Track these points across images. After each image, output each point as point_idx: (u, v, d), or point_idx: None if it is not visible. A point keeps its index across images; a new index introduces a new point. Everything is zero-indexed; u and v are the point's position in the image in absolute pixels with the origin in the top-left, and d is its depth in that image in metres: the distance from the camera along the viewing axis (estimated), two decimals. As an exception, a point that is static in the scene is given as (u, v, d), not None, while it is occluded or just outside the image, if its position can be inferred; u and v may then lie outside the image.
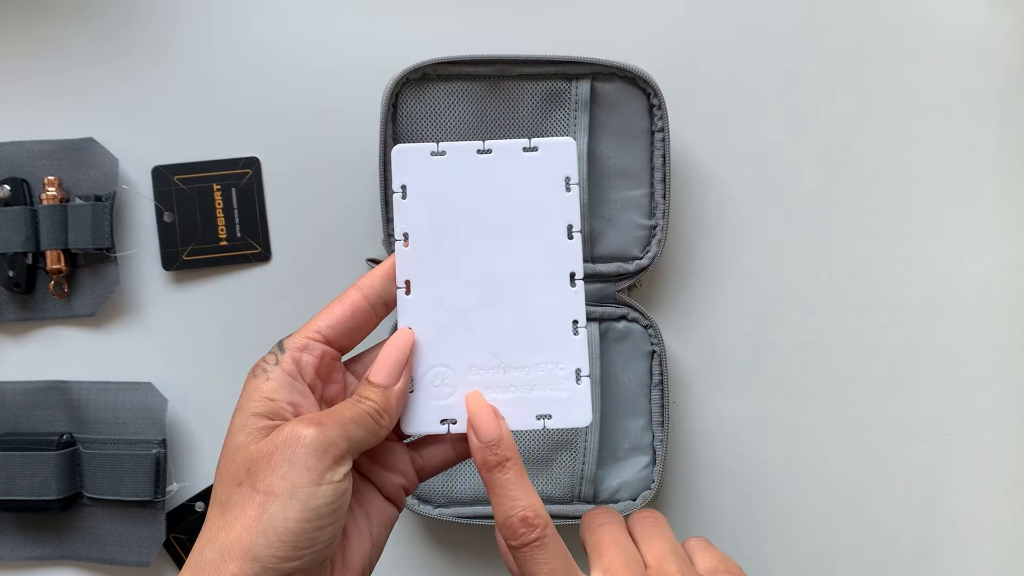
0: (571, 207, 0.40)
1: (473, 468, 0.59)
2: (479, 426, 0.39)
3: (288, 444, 0.36)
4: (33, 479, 0.59)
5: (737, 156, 0.62)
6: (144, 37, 0.62)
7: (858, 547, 0.62)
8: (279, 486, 0.35)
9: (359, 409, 0.38)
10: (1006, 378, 0.62)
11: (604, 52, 0.59)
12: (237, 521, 0.35)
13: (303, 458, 0.36)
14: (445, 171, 0.40)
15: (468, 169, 0.40)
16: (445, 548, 0.62)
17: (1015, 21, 0.62)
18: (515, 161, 0.40)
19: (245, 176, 0.61)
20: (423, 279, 0.40)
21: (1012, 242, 0.62)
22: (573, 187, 0.40)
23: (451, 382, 0.40)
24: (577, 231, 0.40)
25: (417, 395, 0.41)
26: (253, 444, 0.37)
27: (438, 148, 0.40)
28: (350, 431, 0.37)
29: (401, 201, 0.40)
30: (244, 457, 0.36)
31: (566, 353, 0.40)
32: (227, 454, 0.37)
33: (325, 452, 0.36)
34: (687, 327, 0.62)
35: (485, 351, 0.40)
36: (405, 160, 0.40)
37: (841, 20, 0.61)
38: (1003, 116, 0.62)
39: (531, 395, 0.40)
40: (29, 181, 0.61)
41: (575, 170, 0.40)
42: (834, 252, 0.62)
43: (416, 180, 0.40)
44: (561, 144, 0.41)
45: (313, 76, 0.61)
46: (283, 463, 0.36)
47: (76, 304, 0.62)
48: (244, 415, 0.38)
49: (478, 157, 0.40)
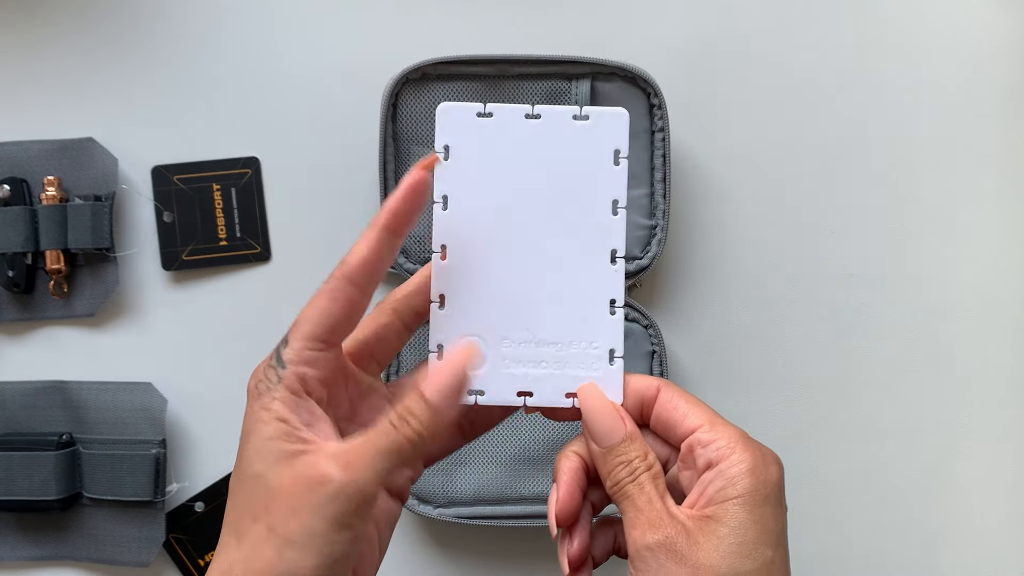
0: (618, 182, 0.38)
1: (473, 468, 0.59)
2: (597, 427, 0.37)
3: (311, 488, 0.33)
4: (33, 479, 0.59)
5: (737, 156, 0.61)
6: (144, 37, 0.62)
7: (858, 547, 0.62)
8: (297, 534, 0.33)
9: (400, 437, 0.34)
10: (1007, 378, 0.62)
11: (604, 52, 0.59)
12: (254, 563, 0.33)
13: (325, 506, 0.33)
14: (490, 133, 0.39)
15: (514, 133, 0.39)
16: (445, 548, 0.62)
17: (1015, 21, 0.62)
18: (564, 129, 0.39)
19: (245, 176, 0.61)
20: (460, 245, 0.38)
21: (1013, 242, 0.62)
22: (622, 161, 0.38)
23: (482, 352, 0.39)
24: (622, 207, 0.38)
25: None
26: (273, 475, 0.34)
27: (484, 109, 0.39)
28: (384, 466, 0.34)
29: (443, 162, 0.39)
30: (263, 491, 0.34)
31: (601, 332, 0.39)
32: (243, 481, 0.35)
33: (350, 500, 0.33)
34: (687, 327, 0.62)
35: (519, 323, 0.39)
36: (450, 119, 0.39)
37: (841, 20, 0.61)
38: (1004, 116, 0.62)
39: (561, 372, 0.38)
40: (29, 181, 0.61)
41: (626, 143, 0.38)
42: (834, 252, 0.62)
43: (460, 141, 0.39)
44: (614, 115, 0.39)
45: (313, 76, 0.61)
46: (304, 510, 0.33)
47: (76, 304, 0.62)
48: (258, 440, 0.34)
49: (526, 122, 0.39)
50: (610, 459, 0.37)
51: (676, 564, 0.34)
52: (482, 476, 0.59)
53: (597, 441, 0.37)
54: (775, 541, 0.35)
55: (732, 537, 0.34)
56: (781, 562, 0.35)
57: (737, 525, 0.35)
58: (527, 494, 0.59)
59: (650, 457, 0.37)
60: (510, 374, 0.39)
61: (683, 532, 0.35)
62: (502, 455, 0.59)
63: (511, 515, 0.59)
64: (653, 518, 0.35)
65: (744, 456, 0.36)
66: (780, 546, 0.36)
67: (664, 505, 0.36)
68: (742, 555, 0.34)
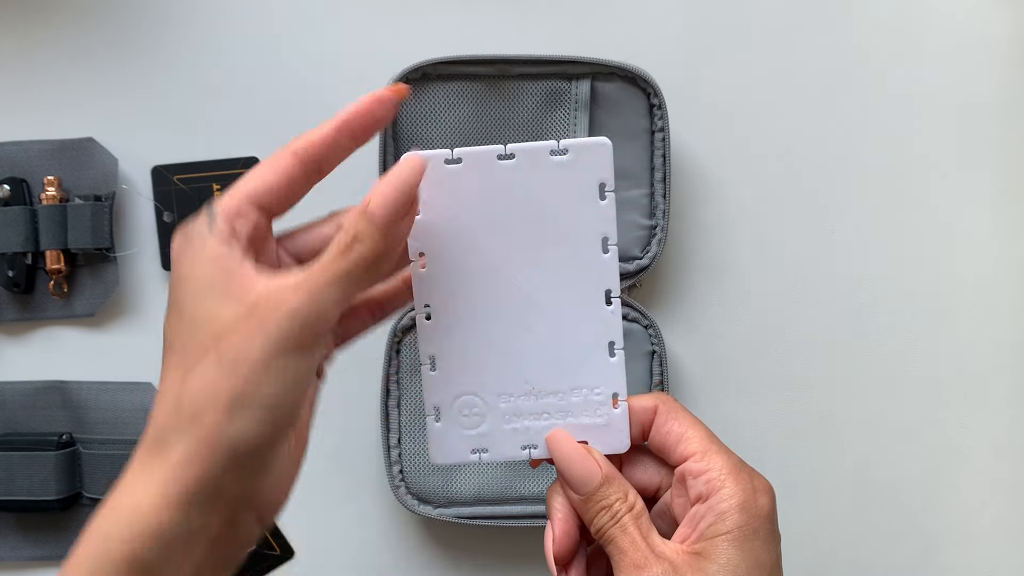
0: (606, 217, 0.36)
1: (473, 468, 0.59)
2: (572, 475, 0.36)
3: (268, 313, 0.30)
4: (33, 479, 0.59)
5: (737, 156, 0.61)
6: (144, 37, 0.62)
7: (858, 547, 0.62)
8: (254, 358, 0.30)
9: (352, 259, 0.32)
10: (1007, 378, 0.62)
11: (604, 52, 0.58)
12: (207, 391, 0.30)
13: (284, 327, 0.30)
14: (462, 181, 0.36)
15: (488, 177, 0.36)
16: (445, 548, 0.62)
17: (1015, 21, 0.62)
18: (542, 167, 0.36)
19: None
20: (444, 302, 0.37)
21: (1013, 242, 0.62)
22: (609, 195, 0.36)
23: (480, 410, 0.38)
24: (613, 244, 0.36)
25: (445, 425, 0.38)
26: (220, 309, 0.31)
27: (453, 155, 0.36)
28: (341, 291, 0.31)
29: (416, 217, 0.36)
30: (211, 327, 0.31)
31: (602, 377, 0.37)
32: (184, 321, 0.32)
33: (308, 320, 0.31)
34: (687, 327, 0.62)
35: (515, 376, 0.37)
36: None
37: (841, 20, 0.61)
38: (1004, 116, 0.62)
39: (565, 422, 0.37)
40: (29, 181, 0.61)
41: (611, 175, 0.36)
42: (834, 252, 0.62)
43: (430, 193, 0.36)
44: (594, 145, 0.36)
45: (313, 76, 0.61)
46: (259, 334, 0.30)
47: (76, 304, 0.62)
48: (197, 280, 0.32)
49: (499, 164, 0.36)
50: (590, 506, 0.36)
51: None
52: (482, 476, 0.59)
53: (574, 489, 0.36)
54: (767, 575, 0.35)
55: (722, 574, 0.34)
56: None
57: (726, 562, 0.34)
58: (527, 494, 0.59)
59: (630, 497, 0.36)
60: (512, 429, 0.38)
61: (670, 571, 0.34)
62: (502, 455, 0.59)
63: (511, 515, 0.59)
64: (638, 559, 0.35)
65: (735, 490, 0.35)
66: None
67: (648, 545, 0.35)
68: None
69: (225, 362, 0.30)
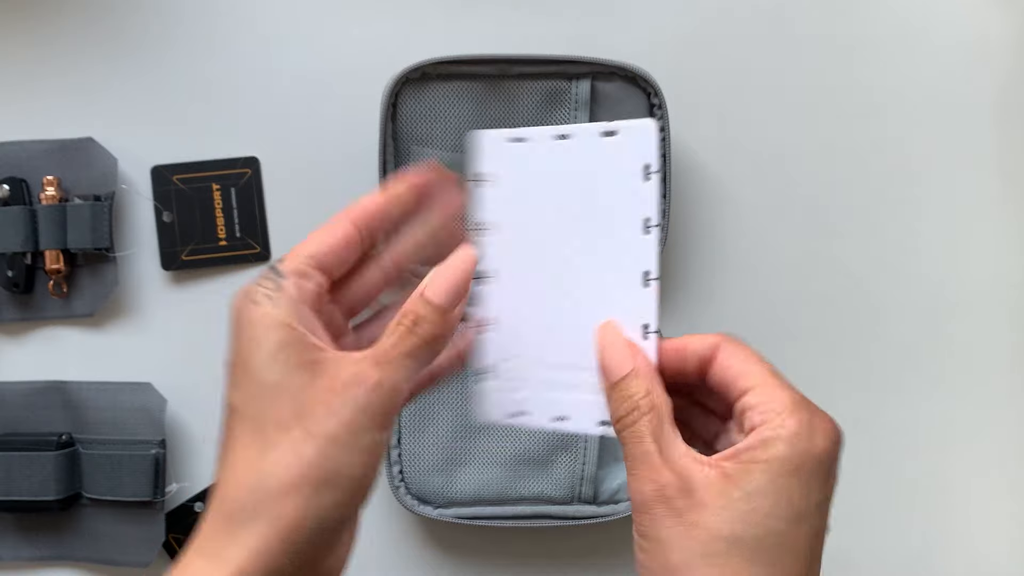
0: (649, 199, 0.36)
1: (473, 468, 0.59)
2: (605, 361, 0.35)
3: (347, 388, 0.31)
4: (32, 479, 0.59)
5: (737, 156, 0.61)
6: (144, 37, 0.62)
7: (858, 547, 0.62)
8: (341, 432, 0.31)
9: (416, 340, 0.33)
10: (1007, 378, 0.62)
11: (604, 52, 0.58)
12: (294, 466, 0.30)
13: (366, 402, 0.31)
14: (524, 158, 0.38)
15: (546, 156, 0.38)
16: (445, 549, 0.62)
17: (1015, 21, 0.62)
18: (593, 146, 0.37)
19: (244, 176, 0.61)
20: (499, 270, 0.38)
21: (1013, 242, 0.62)
22: (652, 176, 0.36)
23: (522, 375, 0.38)
24: (654, 225, 0.36)
25: (492, 385, 0.39)
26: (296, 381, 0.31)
27: (517, 134, 0.38)
28: (411, 366, 0.32)
29: (481, 190, 0.38)
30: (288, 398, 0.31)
31: None
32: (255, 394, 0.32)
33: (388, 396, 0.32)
34: (687, 327, 0.62)
35: (555, 348, 0.38)
36: (484, 147, 0.38)
37: (841, 20, 0.61)
38: (1004, 116, 0.62)
39: (596, 398, 0.36)
40: (28, 181, 0.61)
41: (655, 156, 0.36)
42: (835, 252, 0.62)
43: (496, 167, 0.38)
44: (640, 127, 0.36)
45: (313, 76, 0.61)
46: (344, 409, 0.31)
47: (75, 304, 0.62)
48: (267, 348, 0.32)
49: (556, 143, 0.38)
50: (613, 395, 0.35)
51: (672, 520, 0.32)
52: (482, 476, 0.59)
53: (605, 375, 0.35)
54: (795, 516, 0.31)
55: (744, 503, 0.31)
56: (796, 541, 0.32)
57: (753, 490, 0.31)
58: (527, 494, 0.59)
59: (654, 395, 0.34)
60: (547, 399, 0.38)
61: (677, 484, 0.32)
62: (502, 455, 0.59)
63: (511, 515, 0.59)
64: (649, 464, 0.33)
65: (789, 422, 0.32)
66: (801, 523, 0.32)
67: (660, 450, 0.33)
68: (749, 523, 0.31)
69: (314, 438, 0.30)
